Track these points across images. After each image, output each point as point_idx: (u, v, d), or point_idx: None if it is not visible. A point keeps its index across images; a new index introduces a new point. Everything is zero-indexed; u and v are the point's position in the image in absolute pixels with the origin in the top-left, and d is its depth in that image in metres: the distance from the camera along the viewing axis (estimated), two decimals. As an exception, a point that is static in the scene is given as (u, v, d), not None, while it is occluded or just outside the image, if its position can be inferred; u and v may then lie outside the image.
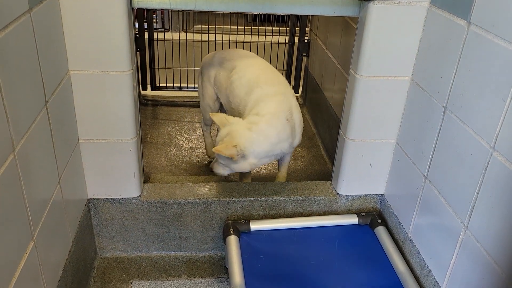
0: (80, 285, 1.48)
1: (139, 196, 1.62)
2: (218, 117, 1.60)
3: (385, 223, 1.64)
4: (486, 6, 1.10)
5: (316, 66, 2.53)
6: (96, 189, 1.58)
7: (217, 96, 1.95)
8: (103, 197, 1.59)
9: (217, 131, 1.67)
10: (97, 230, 1.65)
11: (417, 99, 1.44)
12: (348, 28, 1.95)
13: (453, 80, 1.23)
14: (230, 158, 1.52)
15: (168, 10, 3.74)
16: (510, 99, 1.01)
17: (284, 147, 1.61)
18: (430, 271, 1.35)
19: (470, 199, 1.15)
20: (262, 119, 1.55)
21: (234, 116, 1.64)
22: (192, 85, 2.83)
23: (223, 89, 1.85)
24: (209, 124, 2.11)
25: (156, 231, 1.68)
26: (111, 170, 1.54)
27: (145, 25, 2.61)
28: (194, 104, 2.74)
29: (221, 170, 1.62)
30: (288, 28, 2.91)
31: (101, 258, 1.69)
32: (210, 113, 1.64)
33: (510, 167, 1.01)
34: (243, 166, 1.56)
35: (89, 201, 1.59)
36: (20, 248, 1.00)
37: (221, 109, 2.00)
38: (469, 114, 1.16)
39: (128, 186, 1.58)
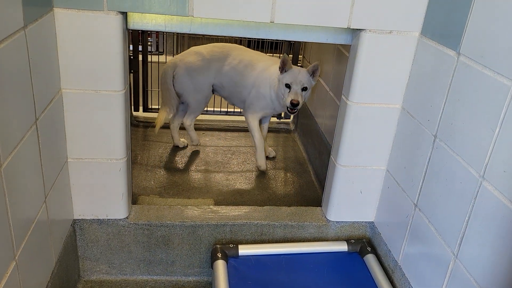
0: (61, 308, 1.43)
1: (127, 217, 1.60)
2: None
3: (374, 251, 1.62)
4: (476, 38, 1.12)
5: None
6: (82, 209, 1.55)
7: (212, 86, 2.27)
8: (89, 218, 1.56)
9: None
10: (81, 251, 1.61)
11: (408, 127, 1.45)
12: (340, 56, 1.99)
13: (443, 109, 1.25)
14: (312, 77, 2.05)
15: (163, 34, 3.78)
16: (499, 129, 1.02)
17: None
18: (419, 301, 1.34)
19: (460, 228, 1.15)
20: None
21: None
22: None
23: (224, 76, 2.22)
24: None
25: (142, 254, 1.65)
26: (99, 190, 1.52)
27: (140, 48, 2.64)
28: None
29: (300, 99, 2.01)
30: (281, 55, 2.95)
31: (84, 281, 1.65)
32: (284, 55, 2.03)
33: (499, 196, 1.01)
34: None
35: (75, 221, 1.56)
36: (1, 269, 0.97)
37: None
38: (459, 143, 1.17)
39: (115, 207, 1.56)
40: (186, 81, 2.25)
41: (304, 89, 2.02)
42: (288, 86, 2.02)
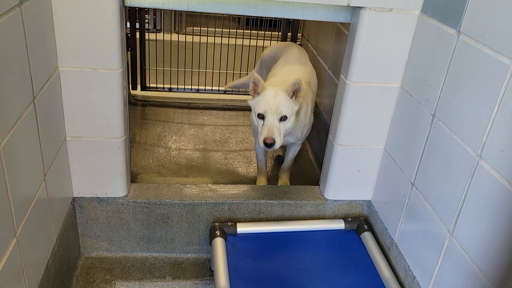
0: (62, 284, 1.46)
1: (126, 195, 1.61)
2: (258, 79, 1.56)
3: (371, 229, 1.64)
4: (476, 16, 1.11)
5: (307, 71, 2.54)
6: (82, 188, 1.56)
7: None
8: (88, 196, 1.57)
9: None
10: (81, 229, 1.63)
11: (406, 106, 1.45)
12: (340, 34, 1.97)
13: (442, 88, 1.25)
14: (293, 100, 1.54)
15: (160, 11, 3.73)
16: (497, 108, 1.02)
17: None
18: (414, 278, 1.36)
19: (456, 207, 1.16)
20: None
21: None
22: (183, 86, 2.82)
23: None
24: None
25: (141, 232, 1.67)
26: (98, 169, 1.53)
27: (137, 25, 2.60)
28: (184, 106, 2.73)
29: (278, 135, 1.49)
30: (280, 33, 2.92)
31: (85, 257, 1.67)
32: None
33: (495, 175, 1.02)
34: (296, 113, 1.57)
35: (74, 199, 1.57)
36: (2, 246, 0.98)
37: None
38: (457, 122, 1.17)
39: (114, 185, 1.57)
40: (259, 73, 2.15)
41: (283, 118, 1.54)
42: (261, 116, 1.54)
